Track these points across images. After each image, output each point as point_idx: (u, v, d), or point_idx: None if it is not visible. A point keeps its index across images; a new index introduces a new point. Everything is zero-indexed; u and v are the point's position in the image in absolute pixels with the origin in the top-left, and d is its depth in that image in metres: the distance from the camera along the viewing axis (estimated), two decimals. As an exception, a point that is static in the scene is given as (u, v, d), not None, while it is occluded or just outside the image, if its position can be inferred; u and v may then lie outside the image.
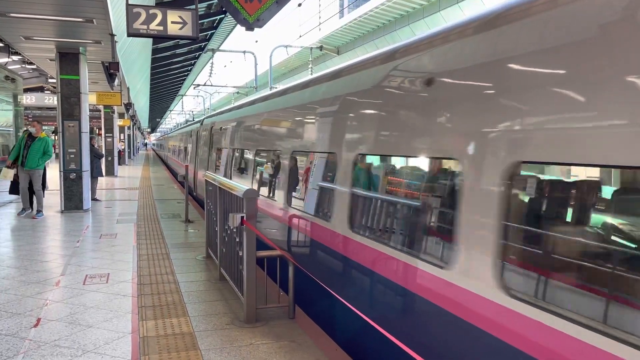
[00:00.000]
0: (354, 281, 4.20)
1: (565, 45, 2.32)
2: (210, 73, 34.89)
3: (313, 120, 5.45)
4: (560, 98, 2.31)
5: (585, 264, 2.27)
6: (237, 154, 9.18)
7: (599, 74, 2.13)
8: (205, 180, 6.81)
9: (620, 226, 2.21)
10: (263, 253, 4.78)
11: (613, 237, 2.21)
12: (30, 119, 25.13)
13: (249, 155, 8.32)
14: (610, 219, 2.25)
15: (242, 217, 4.48)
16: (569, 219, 2.44)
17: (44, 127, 26.03)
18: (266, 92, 9.64)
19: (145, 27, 6.67)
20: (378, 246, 3.76)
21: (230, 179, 8.73)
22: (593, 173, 2.31)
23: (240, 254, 4.76)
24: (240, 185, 5.09)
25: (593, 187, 2.33)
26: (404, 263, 3.39)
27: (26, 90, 22.88)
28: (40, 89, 26.26)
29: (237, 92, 42.86)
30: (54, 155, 14.54)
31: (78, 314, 4.80)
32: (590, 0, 2.26)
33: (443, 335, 2.99)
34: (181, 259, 7.04)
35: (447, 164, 3.21)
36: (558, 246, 2.43)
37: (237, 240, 4.91)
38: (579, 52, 2.24)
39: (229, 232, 5.35)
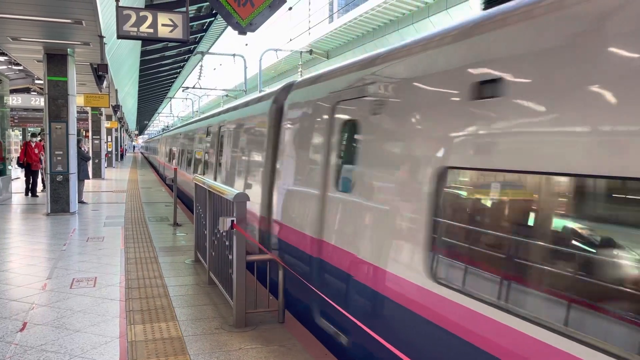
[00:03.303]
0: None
1: None
2: (200, 76, 34.78)
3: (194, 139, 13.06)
4: None
5: None
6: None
7: None
8: (195, 183, 6.79)
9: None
10: (253, 257, 4.77)
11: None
12: (16, 121, 24.82)
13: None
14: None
15: (233, 221, 4.48)
16: None
17: (29, 129, 25.74)
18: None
19: (135, 29, 6.64)
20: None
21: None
22: None
23: (230, 257, 4.75)
24: (230, 189, 5.08)
25: None
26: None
27: (12, 92, 22.59)
28: (27, 90, 25.94)
29: (227, 95, 42.74)
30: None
31: (65, 318, 4.75)
32: None
33: None
34: (169, 263, 7.00)
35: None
36: None
37: (227, 244, 4.90)
38: None
39: (218, 235, 5.33)
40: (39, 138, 15.30)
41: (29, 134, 15.61)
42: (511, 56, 2.48)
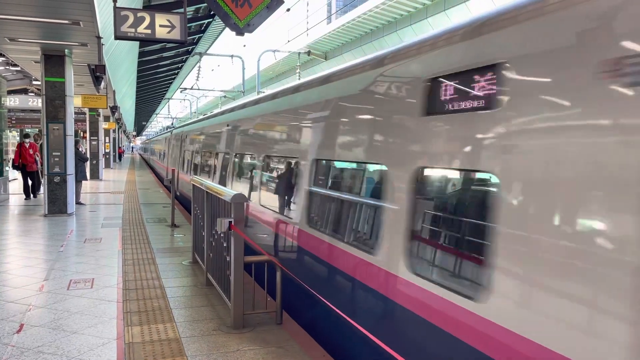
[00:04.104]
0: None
1: None
2: (198, 76, 34.73)
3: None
4: None
5: None
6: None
7: None
8: (193, 184, 6.77)
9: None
10: (251, 258, 4.76)
11: None
12: (14, 122, 24.76)
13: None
14: None
15: (230, 222, 4.47)
16: None
17: (27, 130, 25.75)
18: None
19: (132, 30, 6.62)
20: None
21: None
22: None
23: (228, 259, 4.74)
24: (228, 190, 5.08)
25: None
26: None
27: (10, 92, 22.56)
28: (24, 91, 25.91)
29: (224, 96, 42.72)
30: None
31: (62, 320, 4.73)
32: None
33: None
34: (167, 264, 6.98)
35: None
36: None
37: (225, 245, 4.89)
38: None
39: (216, 237, 5.32)
40: (32, 139, 15.14)
41: (23, 135, 15.53)
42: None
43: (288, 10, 20.67)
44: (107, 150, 31.37)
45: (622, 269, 1.94)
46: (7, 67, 20.26)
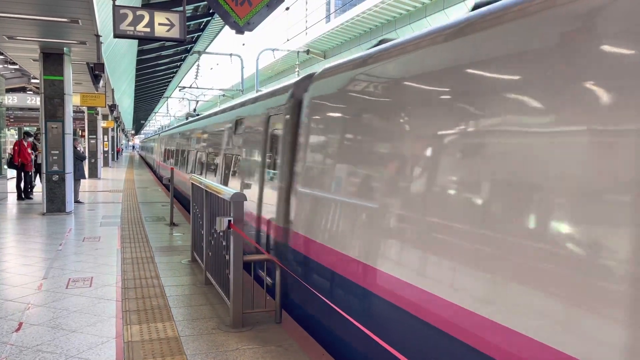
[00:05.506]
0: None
1: None
2: (196, 75, 34.72)
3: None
4: None
5: None
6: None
7: None
8: (192, 183, 6.77)
9: None
10: (250, 257, 4.76)
11: None
12: (12, 120, 24.70)
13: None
14: None
15: (229, 221, 4.46)
16: None
17: (25, 128, 25.68)
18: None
19: (132, 28, 6.62)
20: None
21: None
22: None
23: (227, 257, 4.74)
24: (227, 188, 5.08)
25: None
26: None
27: (8, 91, 22.51)
28: (23, 90, 25.86)
29: (223, 95, 42.71)
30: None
31: (61, 318, 4.73)
32: None
33: None
34: (166, 263, 6.97)
35: None
36: None
37: (224, 244, 4.88)
38: None
39: (215, 235, 5.32)
40: (31, 139, 15.00)
41: (24, 133, 15.39)
42: None
43: (287, 9, 20.67)
44: (105, 149, 31.39)
45: None
46: (6, 66, 20.22)
